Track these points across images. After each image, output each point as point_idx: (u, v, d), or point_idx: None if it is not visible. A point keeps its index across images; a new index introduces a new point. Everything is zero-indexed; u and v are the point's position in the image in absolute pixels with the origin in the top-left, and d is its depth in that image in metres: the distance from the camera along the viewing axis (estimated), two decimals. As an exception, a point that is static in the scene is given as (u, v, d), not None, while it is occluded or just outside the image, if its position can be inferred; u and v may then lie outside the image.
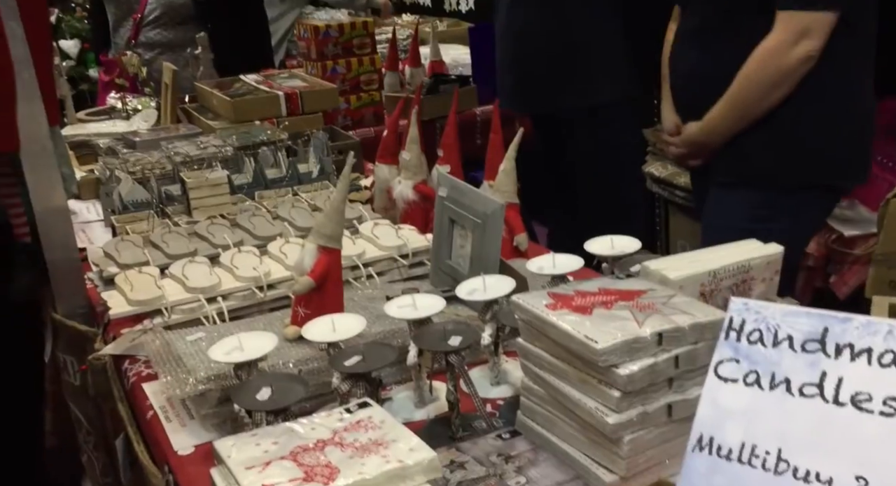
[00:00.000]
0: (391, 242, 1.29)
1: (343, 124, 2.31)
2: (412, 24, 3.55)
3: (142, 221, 1.49)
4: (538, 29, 2.00)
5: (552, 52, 1.99)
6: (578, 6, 1.96)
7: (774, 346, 0.51)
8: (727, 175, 1.51)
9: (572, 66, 1.98)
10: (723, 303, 0.82)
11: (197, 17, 2.65)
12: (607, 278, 0.82)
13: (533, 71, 2.03)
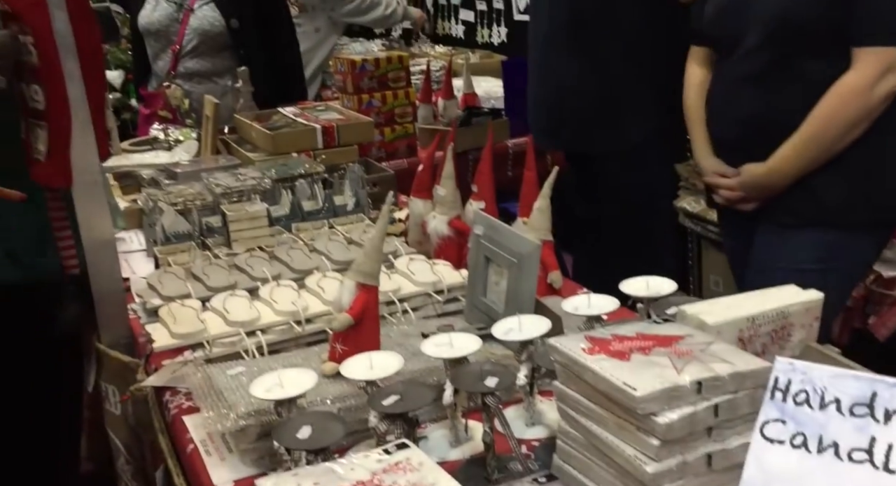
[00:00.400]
0: (426, 277, 1.30)
1: (377, 156, 2.34)
2: (445, 56, 3.61)
3: (183, 252, 1.53)
4: (569, 70, 2.02)
5: (583, 92, 2.01)
6: (610, 47, 1.97)
7: (822, 408, 0.51)
8: (790, 216, 1.48)
9: (604, 106, 1.99)
10: (761, 349, 0.82)
11: (232, 45, 2.73)
12: (644, 322, 0.82)
13: (564, 110, 2.05)
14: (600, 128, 2.01)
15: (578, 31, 2.00)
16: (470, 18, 3.73)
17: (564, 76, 2.04)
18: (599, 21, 1.97)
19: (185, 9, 2.72)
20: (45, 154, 1.19)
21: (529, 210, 1.37)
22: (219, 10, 2.71)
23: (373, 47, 4.08)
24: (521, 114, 2.53)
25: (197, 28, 2.71)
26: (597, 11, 1.97)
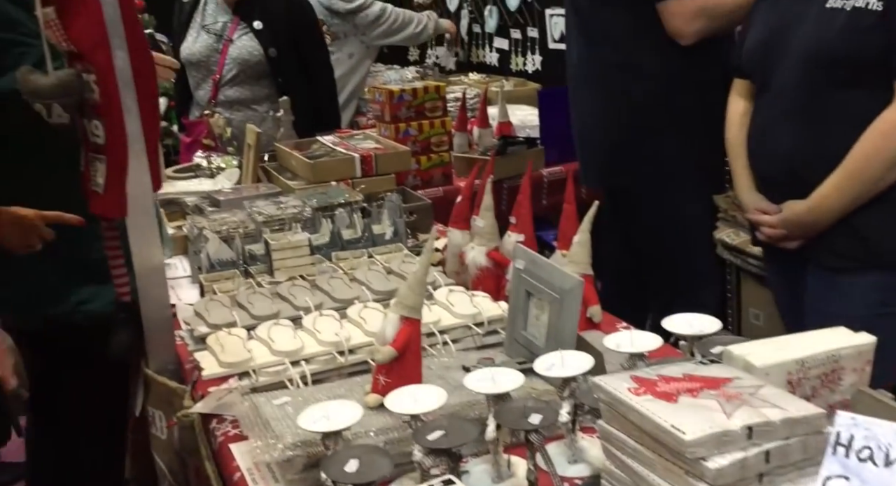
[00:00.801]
0: (466, 310, 1.32)
1: (413, 184, 2.38)
2: (479, 84, 3.65)
3: (227, 279, 1.57)
4: (605, 109, 2.02)
5: (620, 131, 2.00)
6: (647, 83, 1.96)
7: (887, 466, 0.52)
8: (837, 258, 1.45)
9: (641, 143, 1.98)
10: (811, 392, 0.82)
11: (270, 73, 2.81)
12: (691, 363, 0.83)
13: (600, 148, 2.05)
14: (636, 165, 2.00)
15: (600, 66, 2.00)
16: (504, 46, 3.77)
17: (599, 116, 2.04)
18: (621, 55, 1.97)
19: (224, 39, 2.82)
20: (103, 186, 1.23)
21: (568, 243, 1.38)
22: (257, 39, 2.79)
23: (407, 74, 4.14)
24: (556, 143, 2.55)
25: (236, 58, 2.79)
26: (617, 46, 1.97)
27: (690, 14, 1.84)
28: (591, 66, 2.03)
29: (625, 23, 1.92)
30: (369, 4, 3.47)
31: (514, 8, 3.61)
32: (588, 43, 2.03)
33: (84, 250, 1.57)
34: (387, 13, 3.51)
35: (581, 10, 2.04)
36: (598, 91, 2.02)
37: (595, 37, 2.00)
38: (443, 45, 4.42)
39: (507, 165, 2.44)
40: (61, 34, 1.18)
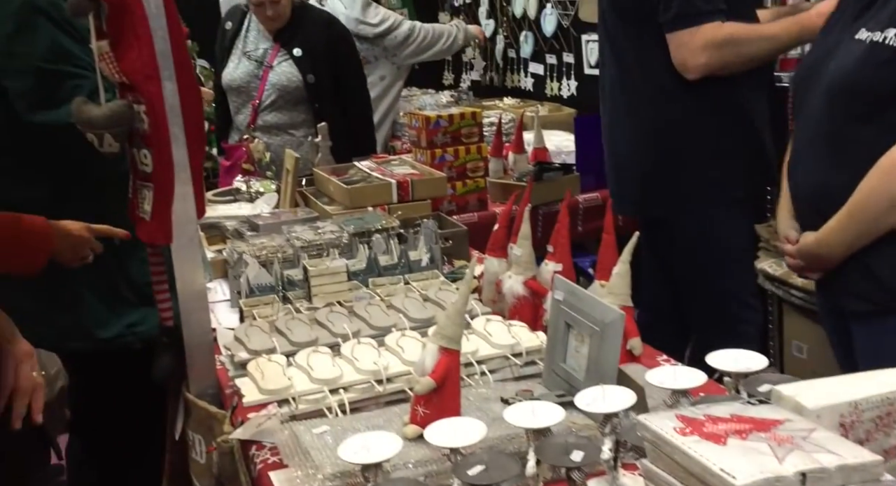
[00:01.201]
0: (504, 340, 1.32)
1: (448, 209, 2.39)
2: (514, 108, 3.67)
3: (266, 304, 1.59)
4: (640, 136, 1.98)
5: (655, 159, 1.96)
6: (684, 110, 1.92)
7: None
8: (860, 302, 1.42)
9: (679, 171, 1.94)
10: (864, 436, 0.80)
11: (308, 99, 2.87)
12: (738, 403, 0.81)
13: (636, 177, 2.01)
14: (673, 195, 1.96)
15: (635, 93, 1.97)
16: (539, 71, 3.79)
17: (634, 144, 2.00)
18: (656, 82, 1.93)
19: (265, 66, 2.89)
20: (149, 213, 1.26)
21: (607, 273, 1.37)
22: (297, 66, 2.85)
23: (442, 98, 4.18)
24: (592, 169, 2.54)
25: (276, 84, 2.86)
26: (651, 73, 1.92)
27: (697, 47, 1.79)
28: (625, 93, 2.01)
29: (658, 50, 1.88)
30: (397, 26, 3.45)
31: (550, 34, 3.63)
32: (621, 70, 2.00)
33: (133, 273, 1.60)
34: (415, 32, 3.48)
35: (614, 38, 2.02)
36: (633, 118, 1.99)
37: (628, 64, 1.98)
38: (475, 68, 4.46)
39: (542, 191, 2.44)
40: (114, 67, 1.22)
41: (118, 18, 1.19)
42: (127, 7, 1.18)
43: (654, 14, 1.84)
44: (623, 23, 1.96)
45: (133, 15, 1.19)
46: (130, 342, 1.61)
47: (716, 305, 2.01)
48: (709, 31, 1.78)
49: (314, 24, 2.90)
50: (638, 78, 1.96)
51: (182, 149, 1.27)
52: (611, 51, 2.04)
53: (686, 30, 1.79)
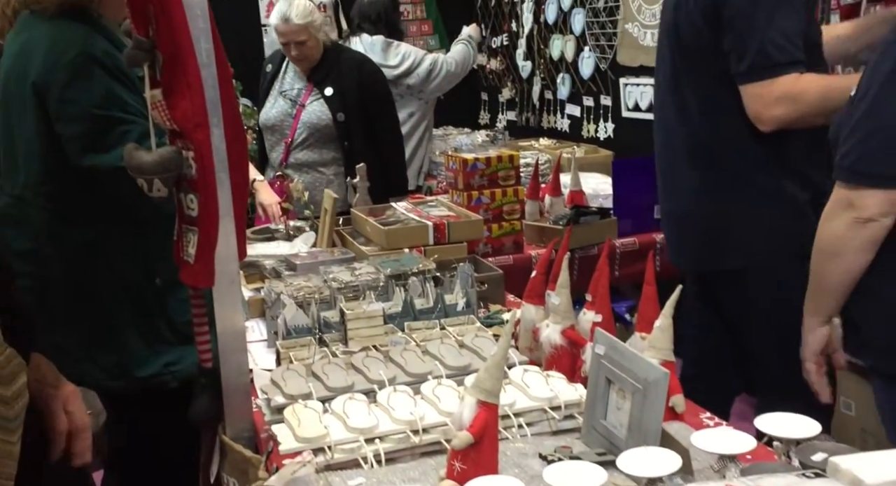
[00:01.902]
0: (542, 392, 1.30)
1: (484, 252, 2.39)
2: (550, 149, 3.68)
3: (303, 346, 1.59)
4: (705, 188, 1.90)
5: (721, 209, 1.88)
6: (753, 159, 1.83)
7: None
8: (864, 358, 1.42)
9: (747, 226, 1.85)
10: (923, 514, 0.76)
11: (338, 137, 2.93)
12: (792, 475, 0.79)
13: (701, 230, 1.92)
14: (727, 248, 1.88)
15: (700, 142, 1.89)
16: (576, 113, 3.80)
17: (690, 194, 1.92)
18: (723, 131, 1.85)
19: (298, 105, 2.96)
20: (193, 256, 1.28)
21: (648, 325, 1.35)
22: (327, 105, 2.93)
23: (478, 138, 4.22)
24: (629, 214, 2.53)
25: (307, 122, 2.93)
26: (717, 121, 1.86)
27: (773, 99, 1.72)
28: (686, 143, 1.91)
29: (726, 100, 1.80)
30: (418, 63, 3.45)
31: (588, 76, 3.65)
32: (683, 119, 1.91)
33: (173, 312, 1.63)
34: (437, 67, 3.48)
35: (675, 86, 1.92)
36: (695, 169, 1.90)
37: (691, 113, 1.89)
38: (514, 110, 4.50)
39: (579, 234, 2.43)
40: (166, 115, 1.26)
41: (172, 69, 1.23)
42: (180, 58, 1.22)
43: (724, 64, 1.78)
44: (688, 71, 1.88)
45: (186, 65, 1.22)
46: (167, 381, 1.63)
47: (771, 360, 1.90)
48: (786, 84, 1.71)
49: (346, 64, 2.98)
50: (701, 127, 1.87)
51: (227, 193, 1.29)
52: (672, 99, 1.95)
53: (761, 82, 1.73)
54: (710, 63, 1.82)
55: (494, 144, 4.08)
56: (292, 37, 2.87)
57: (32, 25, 1.57)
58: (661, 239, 2.53)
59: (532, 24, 4.09)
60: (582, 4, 3.63)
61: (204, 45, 1.26)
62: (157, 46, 1.23)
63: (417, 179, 3.66)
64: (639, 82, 3.29)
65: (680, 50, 1.89)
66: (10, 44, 1.60)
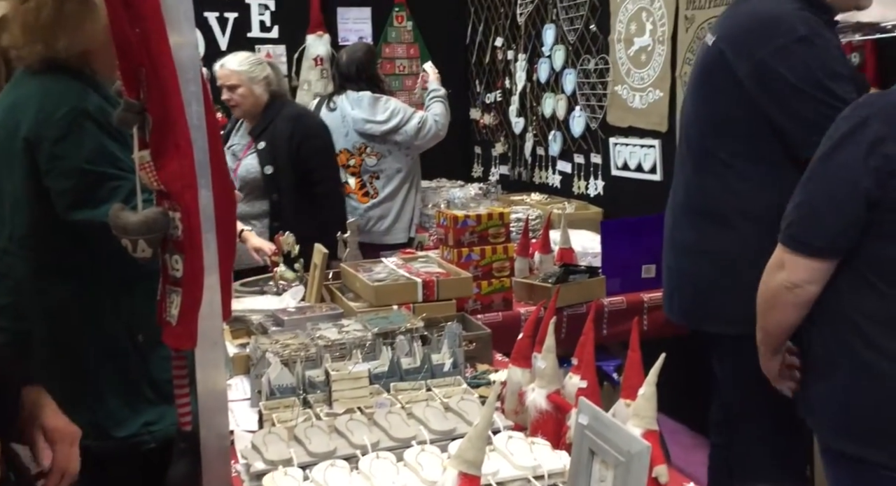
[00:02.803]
0: (526, 460, 1.28)
1: (472, 309, 2.38)
2: (541, 205, 3.71)
3: (287, 407, 1.57)
4: (702, 245, 1.89)
5: (725, 267, 1.86)
6: (755, 226, 1.82)
7: None
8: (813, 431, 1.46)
9: (735, 289, 1.83)
10: None
11: (265, 190, 3.00)
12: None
13: (694, 287, 1.92)
14: (726, 311, 1.88)
15: (710, 199, 1.88)
16: (567, 170, 3.85)
17: (695, 252, 1.91)
18: (734, 190, 1.84)
19: (237, 159, 3.06)
20: (176, 318, 1.27)
21: (632, 392, 1.33)
22: (258, 158, 3.02)
23: (470, 191, 4.24)
24: (618, 273, 2.54)
25: (240, 175, 3.06)
26: (730, 182, 1.83)
27: None
28: (700, 198, 1.90)
29: (742, 158, 1.80)
30: (406, 121, 3.46)
31: (578, 134, 3.71)
32: (698, 174, 1.90)
33: (154, 371, 1.60)
34: (426, 126, 3.50)
35: (695, 144, 1.91)
36: (703, 224, 1.89)
37: (705, 170, 1.88)
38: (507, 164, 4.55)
39: (568, 293, 2.43)
40: (153, 176, 1.26)
41: (161, 131, 1.24)
42: (170, 121, 1.23)
43: (749, 131, 1.77)
44: (713, 137, 1.85)
45: (176, 128, 1.23)
46: (146, 441, 1.59)
47: (761, 422, 1.86)
48: None
49: (282, 118, 3.07)
50: (717, 183, 1.85)
51: (213, 254, 1.29)
52: (689, 154, 1.93)
53: None
54: (737, 132, 1.80)
55: (487, 198, 4.11)
56: (224, 80, 3.05)
57: (27, 80, 1.59)
58: (648, 299, 2.54)
59: (525, 83, 4.18)
60: (573, 66, 3.71)
61: (195, 108, 1.28)
62: (148, 109, 1.25)
63: (408, 231, 3.68)
64: (628, 142, 3.34)
65: (708, 116, 1.86)
66: (5, 97, 1.62)
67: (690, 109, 1.94)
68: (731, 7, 1.89)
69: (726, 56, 1.76)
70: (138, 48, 1.18)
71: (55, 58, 1.53)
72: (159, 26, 1.20)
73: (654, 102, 3.13)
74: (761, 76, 1.71)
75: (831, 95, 1.66)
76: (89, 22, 1.51)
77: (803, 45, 1.67)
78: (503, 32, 4.41)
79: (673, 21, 2.96)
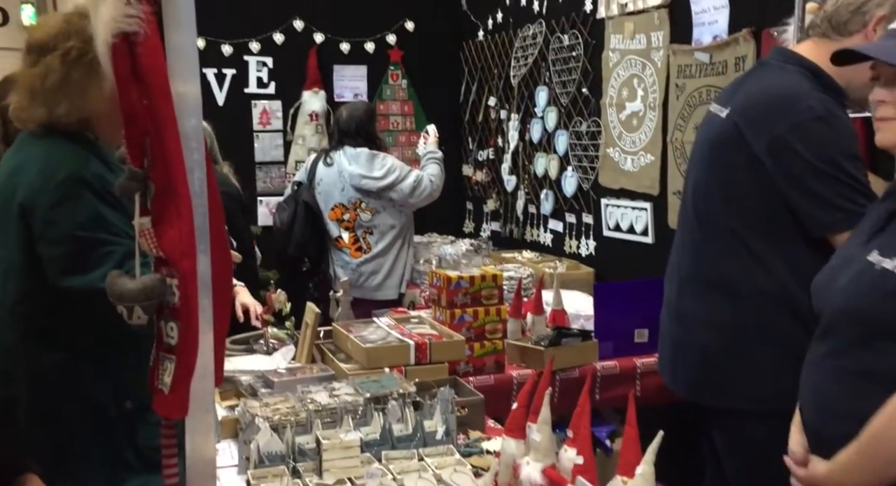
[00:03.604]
0: (521, 540, 1.25)
1: (464, 371, 2.36)
2: (533, 263, 3.72)
3: (276, 476, 1.53)
4: (710, 316, 1.86)
5: (726, 345, 1.83)
6: (766, 300, 1.78)
7: None
8: None
9: (743, 362, 1.80)
10: None
11: None
12: None
13: (699, 360, 1.88)
14: (724, 387, 1.84)
15: (715, 271, 1.85)
16: (559, 229, 3.88)
17: (696, 324, 1.88)
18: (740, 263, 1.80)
19: None
20: (168, 386, 1.25)
21: (629, 469, 1.31)
22: None
23: (461, 247, 4.25)
24: (610, 337, 2.54)
25: None
26: (737, 253, 1.80)
27: None
28: (710, 268, 1.87)
29: (754, 232, 1.77)
30: (402, 178, 3.49)
31: (570, 194, 3.75)
32: (708, 244, 1.87)
33: (141, 437, 1.57)
34: (422, 185, 3.53)
35: (704, 214, 1.88)
36: (711, 294, 1.85)
37: (716, 240, 1.85)
38: (498, 220, 4.58)
39: (560, 356, 2.41)
40: (153, 243, 1.26)
41: (163, 198, 1.25)
42: (173, 188, 1.24)
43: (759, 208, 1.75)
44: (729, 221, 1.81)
45: (178, 196, 1.24)
46: None
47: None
48: None
49: None
50: (721, 255, 1.83)
51: (208, 319, 1.28)
52: (695, 222, 1.91)
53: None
54: (750, 206, 1.78)
55: (478, 254, 4.12)
56: None
57: (29, 144, 1.60)
58: (641, 364, 2.53)
59: (518, 142, 4.24)
60: (565, 127, 3.78)
61: (197, 175, 1.29)
62: (151, 177, 1.25)
63: (399, 287, 3.67)
64: (619, 204, 3.38)
65: (719, 188, 1.84)
66: (8, 161, 1.62)
67: (700, 179, 1.91)
68: (741, 81, 1.91)
69: (741, 130, 1.76)
70: (144, 118, 1.20)
71: (56, 123, 1.54)
72: (166, 96, 1.22)
73: (645, 166, 3.18)
74: (778, 152, 1.70)
75: (847, 175, 1.66)
76: (94, 89, 1.52)
77: (820, 123, 1.67)
78: (496, 92, 4.50)
79: (664, 88, 3.04)
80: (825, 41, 1.73)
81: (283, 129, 4.68)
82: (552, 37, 3.85)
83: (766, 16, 2.51)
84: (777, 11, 2.31)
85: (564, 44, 3.74)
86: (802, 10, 2.02)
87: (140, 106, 1.19)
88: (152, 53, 1.19)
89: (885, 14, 1.61)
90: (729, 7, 2.69)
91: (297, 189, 3.73)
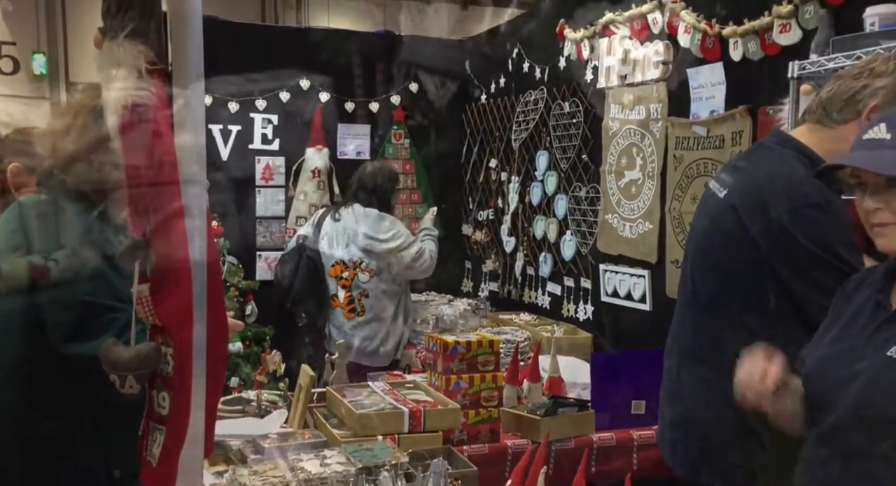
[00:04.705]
0: None
1: (458, 439, 2.32)
2: (530, 325, 3.71)
3: (260, 553, 1.49)
4: (702, 396, 1.84)
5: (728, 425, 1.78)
6: None
7: None
8: None
9: (745, 442, 1.76)
10: None
11: None
12: None
13: (701, 439, 1.85)
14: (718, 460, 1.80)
15: (717, 345, 1.81)
16: (557, 292, 3.87)
17: (696, 402, 1.86)
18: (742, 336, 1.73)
19: None
20: (157, 458, 1.23)
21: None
22: None
23: (459, 306, 4.24)
24: (607, 409, 2.50)
25: None
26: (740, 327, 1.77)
27: None
28: (710, 346, 1.84)
29: (752, 313, 1.76)
30: (406, 246, 3.52)
31: (569, 258, 3.76)
32: (708, 318, 1.85)
33: None
34: (424, 256, 3.56)
35: (702, 291, 1.87)
36: (712, 373, 1.80)
37: (715, 317, 1.83)
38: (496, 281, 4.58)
39: (556, 427, 2.38)
40: (150, 310, 1.26)
41: (163, 268, 1.25)
42: (173, 258, 1.25)
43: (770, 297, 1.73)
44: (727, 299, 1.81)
45: (178, 265, 1.25)
46: None
47: None
48: None
49: None
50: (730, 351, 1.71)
51: (201, 389, 1.27)
52: (694, 297, 1.90)
53: None
54: (747, 285, 1.76)
55: (476, 315, 4.10)
56: None
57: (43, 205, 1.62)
58: (638, 436, 2.49)
59: (517, 204, 4.28)
60: (565, 191, 3.81)
61: (198, 243, 1.29)
62: (151, 246, 1.26)
63: (394, 355, 3.63)
64: (617, 270, 3.39)
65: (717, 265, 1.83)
66: None
67: (698, 255, 1.92)
68: (740, 162, 1.92)
69: (738, 212, 1.77)
70: (149, 189, 1.21)
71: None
72: (172, 165, 1.24)
73: (643, 233, 3.20)
74: (775, 236, 1.71)
75: (843, 262, 1.66)
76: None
77: (817, 211, 1.68)
78: (497, 154, 4.56)
79: (662, 159, 3.08)
80: (819, 127, 1.76)
81: (285, 184, 4.73)
82: (553, 103, 3.93)
83: (761, 94, 2.56)
84: (772, 91, 2.36)
85: (565, 110, 3.82)
86: (797, 92, 2.06)
87: (146, 176, 1.20)
88: (161, 126, 1.21)
89: (878, 103, 1.64)
90: (726, 84, 2.76)
91: (301, 242, 3.74)
